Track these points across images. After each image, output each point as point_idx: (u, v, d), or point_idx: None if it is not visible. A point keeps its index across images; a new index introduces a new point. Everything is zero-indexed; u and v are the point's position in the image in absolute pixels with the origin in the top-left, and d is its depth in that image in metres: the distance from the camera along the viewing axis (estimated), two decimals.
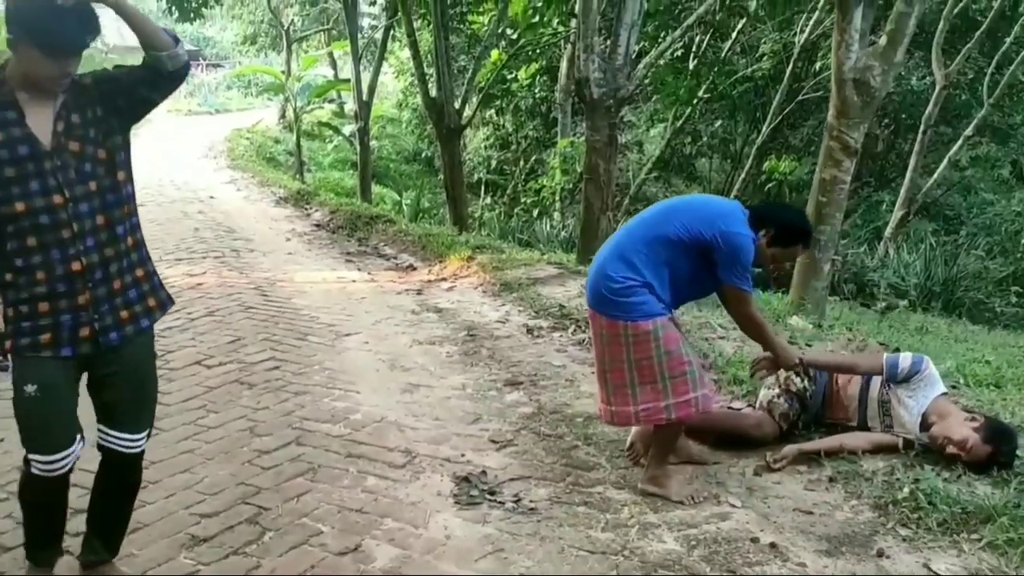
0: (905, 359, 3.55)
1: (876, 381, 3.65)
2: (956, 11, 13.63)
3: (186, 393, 4.47)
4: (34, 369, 2.33)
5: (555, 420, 4.14)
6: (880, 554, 2.89)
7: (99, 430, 2.53)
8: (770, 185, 15.73)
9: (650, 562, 2.86)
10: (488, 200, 20.51)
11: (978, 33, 13.77)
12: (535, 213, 17.44)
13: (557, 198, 17.14)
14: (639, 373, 3.25)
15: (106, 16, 2.30)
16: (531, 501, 3.30)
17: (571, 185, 16.26)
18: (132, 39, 2.38)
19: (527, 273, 7.21)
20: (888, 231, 13.59)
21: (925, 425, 3.48)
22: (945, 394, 3.58)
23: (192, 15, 13.38)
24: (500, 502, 3.30)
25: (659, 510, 3.23)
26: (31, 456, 2.39)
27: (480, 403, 4.42)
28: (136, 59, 2.40)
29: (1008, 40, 14.45)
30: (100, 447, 2.55)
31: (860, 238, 13.87)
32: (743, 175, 16.81)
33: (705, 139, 19.93)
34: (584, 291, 6.54)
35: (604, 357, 3.38)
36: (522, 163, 20.68)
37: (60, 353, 2.35)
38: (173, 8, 12.86)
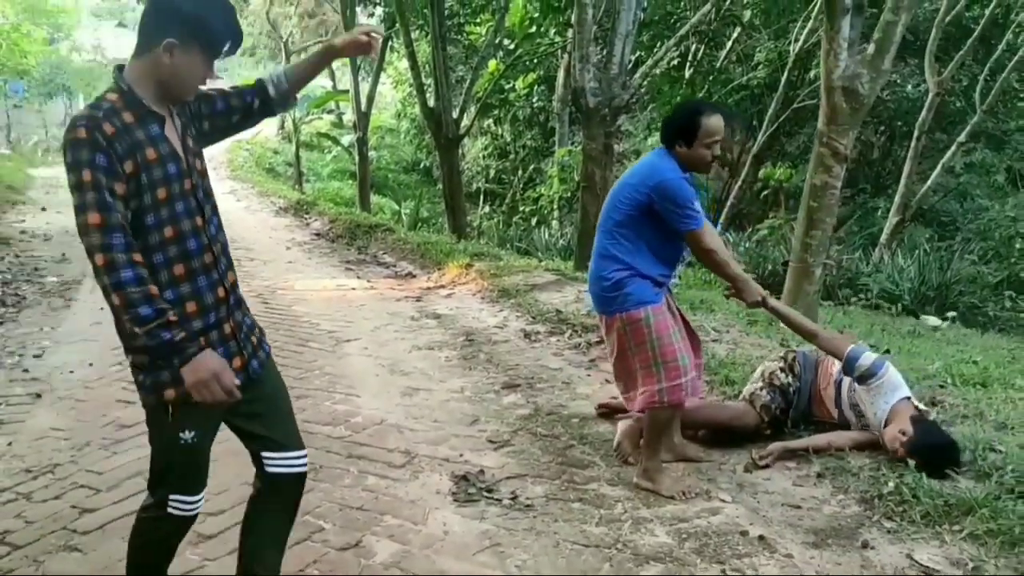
0: (868, 357, 3.61)
1: (846, 384, 3.74)
2: (949, 19, 13.78)
3: None
4: (194, 413, 2.12)
5: (551, 421, 4.24)
6: (865, 545, 2.98)
7: (265, 458, 2.39)
8: (766, 192, 15.84)
9: (642, 554, 2.95)
10: (487, 209, 20.66)
11: (970, 40, 13.90)
12: (533, 221, 17.59)
13: (555, 206, 17.29)
14: (640, 358, 3.42)
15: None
16: (527, 498, 3.39)
17: (569, 194, 16.41)
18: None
19: (525, 280, 7.31)
20: (883, 237, 13.70)
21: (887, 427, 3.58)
22: (908, 398, 3.63)
23: None
24: (497, 499, 3.38)
25: (651, 505, 3.32)
26: (173, 497, 2.21)
27: (478, 405, 4.51)
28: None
29: (1000, 47, 14.63)
30: (270, 475, 2.41)
31: (856, 244, 13.97)
32: (739, 182, 16.94)
33: None
34: (580, 296, 6.67)
35: (614, 354, 3.56)
36: (520, 172, 20.83)
37: None
38: None
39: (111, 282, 1.92)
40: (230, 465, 3.68)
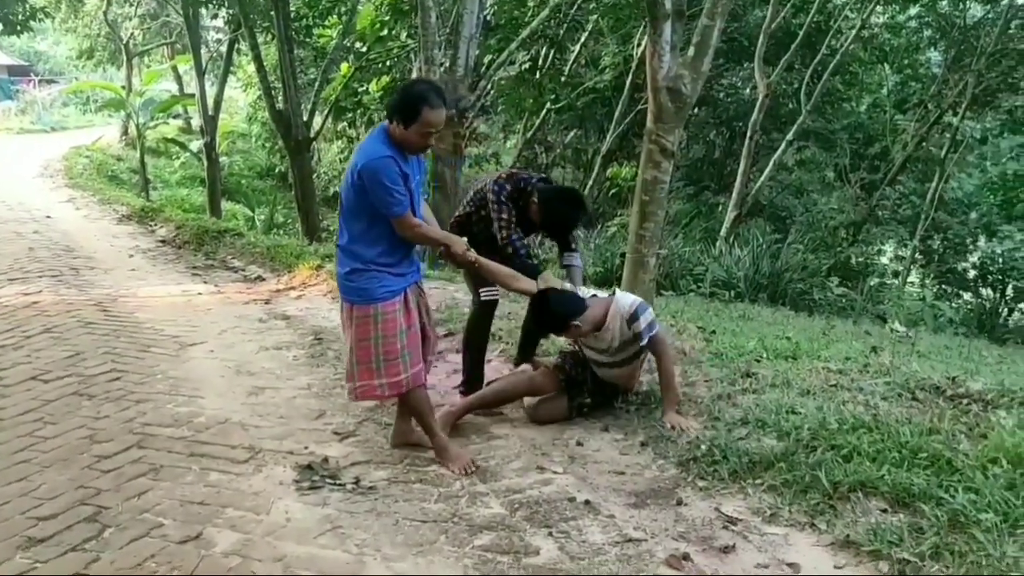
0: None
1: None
2: (777, 26, 14.76)
3: (22, 407, 4.41)
4: None
5: (396, 410, 4.35)
6: (679, 503, 3.27)
7: None
8: (613, 191, 16.47)
9: (476, 525, 3.12)
10: None
11: (793, 46, 14.95)
12: None
13: None
14: (360, 353, 3.57)
15: None
16: (370, 482, 3.51)
17: (426, 195, 16.47)
18: None
19: None
20: (723, 230, 14.51)
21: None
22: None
23: (19, 27, 12.81)
24: (340, 484, 3.48)
25: (488, 480, 3.51)
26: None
27: (325, 400, 4.57)
28: None
29: (822, 50, 15.82)
30: None
31: (697, 238, 14.74)
32: (591, 182, 17.51)
33: (559, 150, 20.60)
34: (429, 293, 6.79)
35: (345, 340, 3.69)
36: None
37: None
38: None
39: None
40: (63, 472, 3.65)
